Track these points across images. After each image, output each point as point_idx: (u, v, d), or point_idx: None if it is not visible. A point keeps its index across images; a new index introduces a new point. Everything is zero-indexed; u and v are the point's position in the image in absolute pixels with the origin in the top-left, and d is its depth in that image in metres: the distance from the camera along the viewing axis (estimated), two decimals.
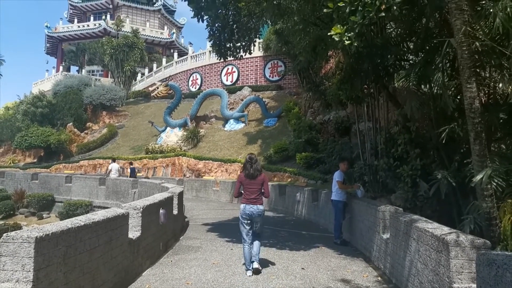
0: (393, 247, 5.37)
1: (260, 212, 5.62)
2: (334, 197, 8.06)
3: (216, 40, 9.22)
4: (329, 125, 16.83)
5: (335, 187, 8.03)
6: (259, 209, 5.60)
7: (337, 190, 7.99)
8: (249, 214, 5.61)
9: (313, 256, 6.72)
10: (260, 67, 28.11)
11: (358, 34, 5.13)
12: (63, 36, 47.74)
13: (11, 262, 3.13)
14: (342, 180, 8.05)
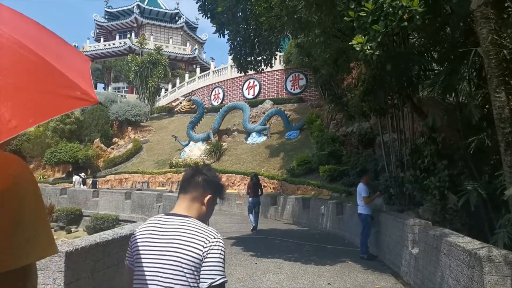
0: (423, 262, 5.22)
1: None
2: (362, 211, 7.90)
3: (237, 54, 9.34)
4: (352, 137, 16.65)
5: (361, 200, 7.89)
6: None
7: (363, 204, 7.86)
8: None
9: (339, 271, 6.60)
10: (281, 80, 28.22)
11: (379, 44, 5.11)
12: (90, 55, 49.45)
13: (43, 276, 3.21)
14: (368, 195, 7.90)
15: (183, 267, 1.50)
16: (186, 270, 1.50)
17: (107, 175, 26.95)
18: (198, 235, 1.56)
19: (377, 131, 13.15)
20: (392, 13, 4.86)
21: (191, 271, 1.50)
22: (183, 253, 1.51)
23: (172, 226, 1.61)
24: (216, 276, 1.52)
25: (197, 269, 1.51)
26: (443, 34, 7.51)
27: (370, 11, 5.00)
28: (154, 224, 1.65)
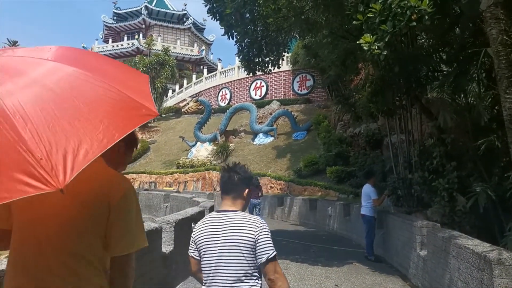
0: (431, 265, 5.17)
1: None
2: (367, 212, 7.86)
3: (245, 55, 9.35)
4: (359, 138, 16.58)
5: (367, 202, 7.85)
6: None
7: (370, 205, 7.81)
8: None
9: (347, 272, 6.57)
10: (288, 81, 28.21)
11: (387, 44, 5.08)
12: None
13: None
14: (378, 197, 7.88)
15: (241, 249, 1.94)
16: (244, 251, 1.94)
17: None
18: (248, 223, 1.99)
19: (385, 132, 13.08)
20: (401, 13, 4.83)
21: (248, 251, 1.94)
22: (240, 238, 1.95)
23: (226, 219, 2.04)
24: (269, 251, 1.95)
25: (253, 249, 1.95)
26: (452, 34, 7.45)
27: (378, 11, 4.98)
28: (211, 221, 2.09)
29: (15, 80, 1.20)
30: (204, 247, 2.04)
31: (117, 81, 1.34)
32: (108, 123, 1.18)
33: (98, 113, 1.19)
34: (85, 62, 1.41)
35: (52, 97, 1.18)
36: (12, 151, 1.05)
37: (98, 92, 1.26)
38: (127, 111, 1.28)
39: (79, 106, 1.18)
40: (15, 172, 1.02)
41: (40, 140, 1.06)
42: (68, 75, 1.27)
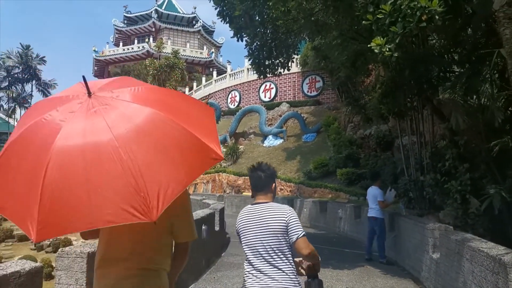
0: (444, 268, 5.11)
1: None
2: (378, 215, 7.81)
3: (255, 58, 9.37)
4: (370, 139, 16.46)
5: (376, 204, 7.80)
6: None
7: (379, 207, 7.77)
8: None
9: (358, 275, 6.52)
10: (298, 83, 28.16)
11: (398, 45, 5.04)
12: (109, 59, 50.38)
13: (66, 276, 3.29)
14: (383, 199, 7.86)
15: (275, 231, 2.40)
16: (278, 233, 2.40)
17: None
18: (280, 211, 2.46)
19: (396, 133, 12.97)
20: (411, 14, 4.80)
21: (281, 233, 2.40)
22: (274, 223, 2.41)
23: (261, 209, 2.51)
24: (299, 232, 2.39)
25: (285, 231, 2.40)
26: (464, 35, 7.38)
27: (388, 12, 4.95)
28: (248, 212, 2.57)
29: (114, 117, 1.53)
30: (244, 233, 2.53)
31: (190, 122, 1.63)
32: (187, 166, 1.54)
33: (180, 156, 1.53)
34: (162, 102, 1.70)
35: (146, 135, 1.51)
36: (123, 181, 1.38)
37: (178, 134, 1.56)
38: (200, 155, 1.59)
39: (167, 148, 1.51)
40: (123, 202, 1.37)
41: (143, 176, 1.39)
42: (151, 115, 1.57)
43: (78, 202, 1.39)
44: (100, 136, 1.47)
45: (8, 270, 2.58)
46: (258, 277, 2.42)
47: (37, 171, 1.43)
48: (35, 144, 1.52)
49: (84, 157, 1.44)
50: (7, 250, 19.26)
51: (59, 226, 1.44)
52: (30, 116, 1.68)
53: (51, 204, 1.39)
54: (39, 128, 1.56)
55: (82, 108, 1.59)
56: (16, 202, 1.47)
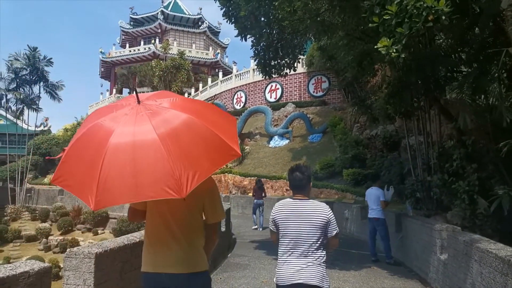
0: (452, 269, 5.07)
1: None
2: (380, 216, 7.80)
3: (261, 59, 9.36)
4: (376, 140, 16.39)
5: (376, 205, 7.78)
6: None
7: (380, 208, 7.76)
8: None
9: (365, 276, 6.49)
10: (303, 83, 28.12)
11: (405, 46, 5.02)
12: (116, 60, 50.66)
13: (74, 277, 3.30)
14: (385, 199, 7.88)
15: (317, 226, 2.77)
16: (319, 227, 2.77)
17: None
18: (322, 209, 2.83)
19: (403, 134, 12.91)
20: (417, 15, 4.77)
21: (322, 227, 2.77)
22: (317, 218, 2.78)
23: (302, 204, 2.85)
24: (337, 229, 2.86)
25: (325, 226, 2.78)
26: (471, 34, 7.32)
27: (394, 13, 4.92)
28: (288, 205, 2.91)
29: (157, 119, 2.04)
30: (283, 223, 2.85)
31: (215, 125, 2.13)
32: (211, 159, 2.03)
33: (206, 150, 2.02)
34: (193, 109, 2.22)
35: (180, 134, 2.00)
36: (161, 167, 1.86)
37: (205, 134, 2.06)
38: (222, 151, 2.08)
39: (197, 143, 2.02)
40: (161, 182, 1.84)
41: (177, 164, 1.87)
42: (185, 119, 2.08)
43: (126, 182, 1.89)
44: (146, 134, 1.98)
45: (18, 270, 2.60)
46: (293, 264, 2.77)
47: (97, 159, 1.94)
48: (96, 139, 2.04)
49: (133, 149, 1.94)
50: (15, 250, 19.44)
51: (111, 199, 1.92)
52: (92, 118, 2.22)
53: (106, 183, 1.89)
54: (99, 127, 2.08)
55: (133, 112, 2.12)
56: (79, 181, 2.02)
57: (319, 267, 2.79)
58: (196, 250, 2.38)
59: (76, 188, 2.05)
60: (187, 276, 2.31)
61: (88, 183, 1.93)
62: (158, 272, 2.33)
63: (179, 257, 2.31)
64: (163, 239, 2.34)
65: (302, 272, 2.74)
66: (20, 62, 26.48)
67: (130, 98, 2.30)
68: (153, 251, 2.38)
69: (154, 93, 2.41)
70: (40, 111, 28.57)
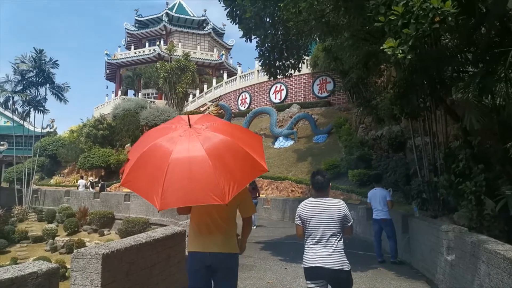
0: (459, 270, 5.04)
1: None
2: (387, 216, 7.77)
3: (266, 60, 9.35)
4: (382, 140, 16.33)
5: (382, 205, 7.75)
6: None
7: (387, 208, 7.73)
8: None
9: (371, 277, 6.47)
10: (308, 84, 28.10)
11: (411, 47, 5.00)
12: (121, 62, 50.91)
13: (81, 277, 3.32)
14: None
15: (336, 219, 3.44)
16: (338, 220, 3.44)
17: None
18: (340, 205, 3.52)
19: (408, 134, 12.85)
20: (423, 16, 4.75)
21: (340, 220, 3.45)
22: (338, 213, 3.45)
23: (325, 202, 3.52)
24: (351, 220, 3.56)
25: (343, 218, 3.45)
26: (477, 34, 7.28)
27: (400, 14, 4.91)
28: (313, 203, 3.55)
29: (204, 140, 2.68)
30: (309, 218, 3.51)
31: (247, 145, 2.78)
32: (245, 173, 2.68)
33: (241, 166, 2.66)
34: (229, 131, 2.88)
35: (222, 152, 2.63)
36: (209, 178, 2.48)
37: (240, 152, 2.69)
38: (253, 167, 2.74)
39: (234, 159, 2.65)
40: (209, 190, 2.47)
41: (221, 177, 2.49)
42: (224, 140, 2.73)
43: (184, 189, 2.55)
44: (197, 151, 2.63)
45: (26, 270, 2.62)
46: (319, 251, 3.42)
47: (161, 170, 2.60)
48: (158, 154, 2.71)
49: (189, 163, 2.60)
50: (22, 251, 19.55)
51: (172, 202, 2.60)
52: (149, 138, 2.97)
53: (168, 189, 2.53)
54: (159, 146, 2.76)
55: (186, 133, 2.80)
56: (145, 186, 2.70)
57: (339, 254, 3.42)
58: (231, 237, 3.18)
59: (143, 191, 2.76)
60: (224, 255, 3.09)
61: (154, 188, 2.58)
62: (204, 251, 3.08)
63: (220, 241, 3.08)
64: (209, 228, 3.09)
65: (326, 258, 3.39)
66: (26, 65, 26.66)
67: (181, 120, 3.04)
68: (200, 236, 3.12)
69: (200, 117, 3.09)
70: (47, 112, 28.74)
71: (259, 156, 2.80)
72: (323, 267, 3.37)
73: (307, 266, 3.46)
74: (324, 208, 3.47)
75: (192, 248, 3.15)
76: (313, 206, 3.52)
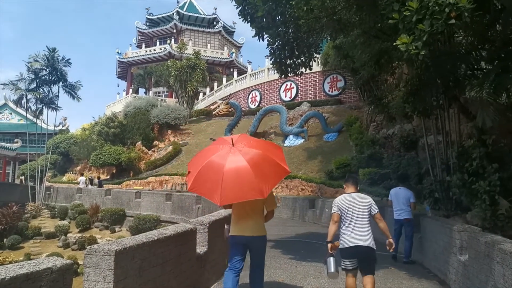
0: (473, 270, 4.97)
1: None
2: (411, 216, 7.71)
3: (276, 58, 9.32)
4: (393, 139, 16.19)
5: (407, 205, 7.68)
6: None
7: (410, 208, 7.67)
8: None
9: (383, 277, 6.41)
10: (319, 82, 27.97)
11: (425, 43, 4.92)
12: (132, 60, 51.30)
13: (94, 273, 3.35)
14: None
15: (366, 207, 4.59)
16: (367, 208, 4.59)
17: (148, 177, 27.79)
18: (366, 197, 4.75)
19: (420, 133, 12.71)
20: (438, 11, 4.67)
21: (368, 209, 4.60)
22: (366, 203, 4.62)
23: (357, 196, 4.70)
24: (377, 209, 4.67)
25: (370, 207, 4.61)
26: (492, 31, 7.16)
27: (415, 10, 4.84)
28: (347, 197, 4.69)
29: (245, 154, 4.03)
30: (346, 208, 4.60)
31: (273, 155, 4.22)
32: (275, 175, 4.15)
33: (272, 171, 4.05)
34: (261, 146, 4.32)
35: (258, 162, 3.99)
36: (252, 181, 3.83)
37: (270, 161, 4.09)
38: (279, 171, 4.15)
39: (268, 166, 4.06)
40: (252, 189, 3.84)
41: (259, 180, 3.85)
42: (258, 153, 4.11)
43: (235, 189, 3.85)
44: (241, 162, 3.92)
45: (41, 266, 2.66)
46: (355, 233, 4.53)
47: (218, 177, 3.86)
48: (214, 166, 4.00)
49: (236, 171, 3.88)
50: (35, 247, 19.86)
51: (228, 199, 3.91)
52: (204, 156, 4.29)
53: (224, 190, 3.80)
54: (214, 161, 4.06)
55: (231, 150, 4.08)
56: (208, 189, 4.00)
57: (371, 235, 4.58)
58: (261, 224, 4.44)
59: (206, 193, 4.15)
60: (257, 237, 4.37)
61: (215, 191, 3.90)
62: (242, 234, 4.34)
63: (253, 227, 4.34)
64: (245, 217, 4.33)
65: (362, 238, 4.51)
66: (39, 63, 27.00)
67: (224, 141, 4.40)
68: (238, 224, 4.38)
69: (238, 137, 4.40)
70: (59, 110, 29.06)
71: (283, 162, 4.25)
72: (360, 245, 4.47)
73: (348, 246, 4.52)
74: (356, 200, 4.63)
75: (233, 233, 4.43)
76: (349, 199, 4.67)
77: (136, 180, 28.03)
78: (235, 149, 4.08)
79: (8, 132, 42.74)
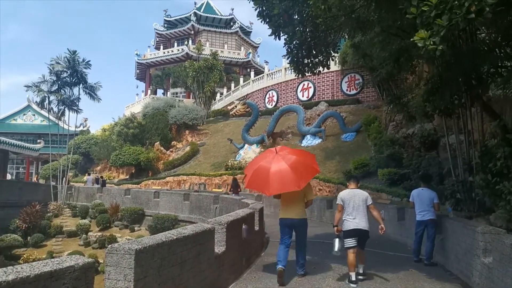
0: (498, 273, 4.83)
1: None
2: (435, 216, 7.59)
3: (294, 57, 9.26)
4: (413, 139, 15.89)
5: (431, 206, 7.54)
6: None
7: (434, 209, 7.52)
8: None
9: (403, 279, 6.31)
10: (336, 81, 27.74)
11: (443, 38, 4.80)
12: (150, 62, 51.97)
13: (115, 272, 3.39)
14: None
15: (363, 200, 6.15)
16: (364, 201, 6.15)
17: (166, 176, 28.10)
18: (363, 192, 6.34)
19: (442, 132, 12.44)
20: (458, 6, 4.55)
21: (365, 201, 6.16)
22: (363, 197, 6.18)
23: (357, 191, 6.30)
24: (371, 200, 6.30)
25: (366, 200, 6.18)
26: None
27: (433, 4, 4.73)
28: (349, 192, 6.32)
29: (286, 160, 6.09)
30: (348, 200, 6.11)
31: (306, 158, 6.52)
32: (308, 173, 6.20)
33: (306, 170, 6.16)
34: (297, 153, 6.65)
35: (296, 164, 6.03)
36: (292, 178, 5.84)
37: (304, 163, 6.26)
38: (311, 169, 6.33)
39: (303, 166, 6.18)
40: (292, 183, 5.82)
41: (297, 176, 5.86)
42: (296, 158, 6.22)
43: (278, 184, 5.88)
44: (283, 165, 5.94)
45: (64, 264, 2.70)
46: (355, 219, 6.02)
47: (267, 176, 5.95)
48: (264, 168, 6.08)
49: (280, 171, 5.91)
50: (57, 245, 20.34)
51: (274, 191, 6.05)
52: (256, 161, 6.58)
53: (271, 185, 5.92)
54: (263, 165, 6.14)
55: (275, 157, 6.17)
56: (260, 185, 6.29)
57: (367, 221, 6.05)
58: (303, 209, 6.25)
59: (258, 188, 6.60)
60: (298, 219, 6.16)
61: (264, 186, 6.01)
62: (288, 217, 6.13)
63: (296, 211, 6.15)
64: (291, 204, 6.15)
65: (361, 223, 6.00)
66: (61, 65, 27.62)
67: (271, 151, 6.44)
68: (286, 209, 6.19)
69: (280, 148, 6.45)
70: (81, 112, 29.68)
71: (314, 164, 6.40)
72: (359, 229, 5.98)
73: (350, 229, 6.00)
74: (356, 194, 6.13)
75: (281, 216, 6.22)
76: (350, 193, 6.18)
77: (154, 180, 28.38)
78: (278, 156, 6.08)
79: (31, 133, 43.93)
